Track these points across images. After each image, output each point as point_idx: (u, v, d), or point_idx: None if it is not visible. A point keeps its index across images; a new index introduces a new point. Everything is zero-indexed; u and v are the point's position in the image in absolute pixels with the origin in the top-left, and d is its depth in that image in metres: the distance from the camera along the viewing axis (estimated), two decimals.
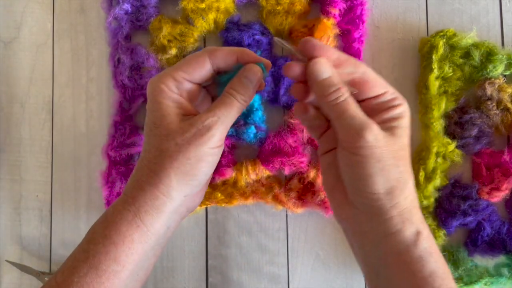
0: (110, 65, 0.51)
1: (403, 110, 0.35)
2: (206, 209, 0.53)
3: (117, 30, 0.50)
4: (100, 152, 0.52)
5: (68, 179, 0.53)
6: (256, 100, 0.48)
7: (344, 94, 0.34)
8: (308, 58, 0.35)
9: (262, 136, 0.50)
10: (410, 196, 0.35)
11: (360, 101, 0.35)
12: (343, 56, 0.36)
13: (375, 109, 0.35)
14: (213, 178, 0.50)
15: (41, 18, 0.54)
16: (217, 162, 0.38)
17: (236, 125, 0.48)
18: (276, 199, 0.50)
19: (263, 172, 0.50)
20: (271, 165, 0.49)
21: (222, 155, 0.47)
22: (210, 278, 0.52)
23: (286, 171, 0.50)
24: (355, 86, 0.35)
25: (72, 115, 0.53)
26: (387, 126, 0.34)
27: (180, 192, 0.36)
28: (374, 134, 0.33)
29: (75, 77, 0.53)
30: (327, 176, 0.39)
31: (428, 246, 0.34)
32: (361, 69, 0.35)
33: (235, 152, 0.51)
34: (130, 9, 0.50)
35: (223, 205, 0.51)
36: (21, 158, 0.53)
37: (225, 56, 0.37)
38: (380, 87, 0.35)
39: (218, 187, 0.50)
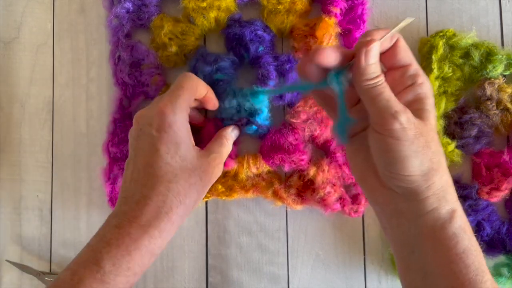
0: (111, 62, 0.51)
1: (425, 90, 0.36)
2: (206, 209, 0.53)
3: (118, 28, 0.50)
4: (100, 152, 0.52)
5: (68, 179, 0.53)
6: (263, 101, 0.48)
7: (382, 79, 0.34)
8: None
9: (264, 132, 0.50)
10: (444, 175, 0.35)
11: (385, 72, 0.36)
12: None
13: (398, 84, 0.36)
14: None
15: (41, 18, 0.54)
16: None
17: (240, 123, 0.49)
18: (275, 194, 0.50)
19: (264, 166, 0.50)
20: (271, 160, 0.49)
21: None
22: (210, 278, 0.52)
23: (286, 167, 0.50)
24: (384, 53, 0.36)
25: (72, 115, 0.53)
26: (415, 108, 0.35)
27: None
28: (407, 116, 0.33)
29: (75, 77, 0.53)
30: (356, 161, 0.39)
31: (462, 224, 0.35)
32: (394, 37, 0.35)
33: (238, 145, 0.51)
34: (131, 7, 0.50)
35: (223, 197, 0.50)
36: (21, 158, 0.53)
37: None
38: (406, 57, 0.36)
39: (219, 179, 0.50)
